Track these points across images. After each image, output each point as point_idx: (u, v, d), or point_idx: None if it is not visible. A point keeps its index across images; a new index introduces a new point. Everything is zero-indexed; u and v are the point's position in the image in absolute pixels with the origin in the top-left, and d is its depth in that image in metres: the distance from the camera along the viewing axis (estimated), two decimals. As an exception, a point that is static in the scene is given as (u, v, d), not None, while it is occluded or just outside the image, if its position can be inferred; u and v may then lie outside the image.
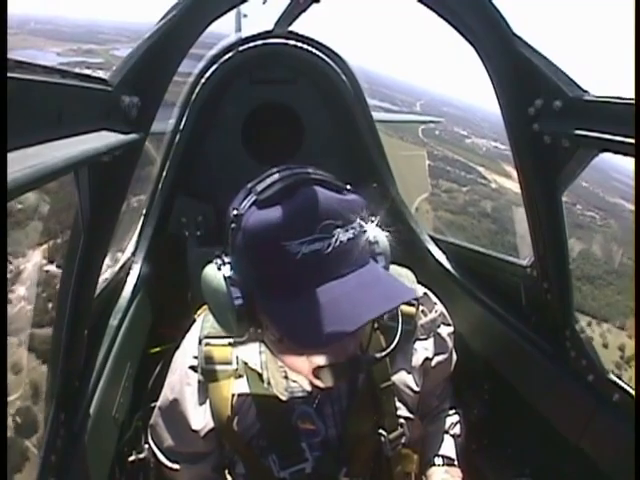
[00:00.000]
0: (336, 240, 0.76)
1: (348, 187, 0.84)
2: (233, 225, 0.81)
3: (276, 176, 0.82)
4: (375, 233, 0.90)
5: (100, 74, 0.78)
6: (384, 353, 1.00)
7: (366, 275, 0.80)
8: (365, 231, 0.83)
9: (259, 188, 0.81)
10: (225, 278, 0.82)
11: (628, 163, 0.80)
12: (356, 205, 0.82)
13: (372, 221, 0.89)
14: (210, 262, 0.86)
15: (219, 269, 0.84)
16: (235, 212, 0.81)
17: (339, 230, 0.76)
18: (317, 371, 0.85)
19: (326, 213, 0.76)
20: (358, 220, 0.81)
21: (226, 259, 0.84)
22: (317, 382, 0.87)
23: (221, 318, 0.87)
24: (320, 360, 0.84)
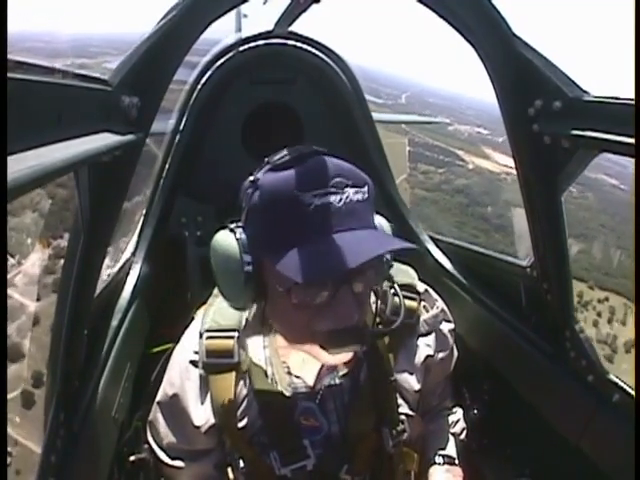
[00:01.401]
0: (347, 197, 0.79)
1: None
2: (249, 190, 0.84)
3: (289, 150, 0.86)
4: (378, 220, 0.93)
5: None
6: (390, 328, 1.01)
7: (374, 231, 0.84)
8: (371, 200, 0.85)
9: (274, 158, 0.85)
10: (237, 240, 0.84)
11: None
12: (365, 175, 0.86)
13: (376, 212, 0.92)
14: (223, 228, 0.88)
15: (232, 232, 0.85)
16: (251, 178, 0.85)
17: (350, 189, 0.80)
18: (322, 338, 0.83)
19: (338, 171, 0.80)
20: (367, 187, 0.84)
21: (239, 224, 0.87)
22: (320, 354, 0.85)
23: (227, 285, 0.88)
24: (324, 324, 0.82)
